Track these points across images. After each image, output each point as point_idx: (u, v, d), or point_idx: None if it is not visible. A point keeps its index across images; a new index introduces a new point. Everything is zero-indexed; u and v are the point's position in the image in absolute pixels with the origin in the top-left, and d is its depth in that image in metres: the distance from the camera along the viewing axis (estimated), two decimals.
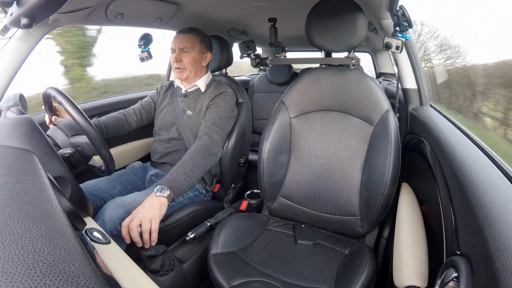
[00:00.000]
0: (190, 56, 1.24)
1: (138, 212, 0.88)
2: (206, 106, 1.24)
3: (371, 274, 0.86)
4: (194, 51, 1.24)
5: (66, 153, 0.84)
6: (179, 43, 1.23)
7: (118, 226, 0.94)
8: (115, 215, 0.95)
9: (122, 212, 0.96)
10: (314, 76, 1.12)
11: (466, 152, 0.72)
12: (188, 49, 1.23)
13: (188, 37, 1.24)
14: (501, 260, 0.41)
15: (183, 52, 1.23)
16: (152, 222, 0.87)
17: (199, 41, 1.26)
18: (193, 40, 1.24)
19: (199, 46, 1.26)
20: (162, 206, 0.91)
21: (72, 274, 0.29)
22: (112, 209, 0.96)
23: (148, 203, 0.91)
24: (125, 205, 0.99)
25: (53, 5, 0.56)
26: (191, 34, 1.25)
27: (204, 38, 1.28)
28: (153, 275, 0.91)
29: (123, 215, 0.96)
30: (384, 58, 2.77)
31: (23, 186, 0.41)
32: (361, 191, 1.05)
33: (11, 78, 1.01)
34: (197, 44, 1.25)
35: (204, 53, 1.28)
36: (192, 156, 1.06)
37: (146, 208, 0.89)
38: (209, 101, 1.24)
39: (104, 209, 0.97)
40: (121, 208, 0.97)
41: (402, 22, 1.00)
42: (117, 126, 1.26)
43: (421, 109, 1.19)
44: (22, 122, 0.67)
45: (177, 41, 1.24)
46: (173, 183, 0.96)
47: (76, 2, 0.95)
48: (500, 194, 0.54)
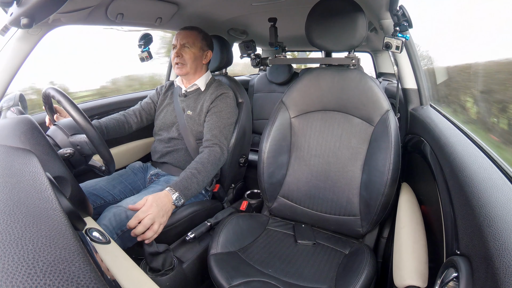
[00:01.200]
0: (191, 52, 1.24)
1: (154, 213, 0.88)
2: (207, 107, 1.24)
3: (371, 274, 0.86)
4: (195, 47, 1.25)
5: (66, 153, 0.84)
6: (181, 38, 1.24)
7: (118, 231, 0.94)
8: (115, 221, 0.94)
9: (124, 217, 0.96)
10: (314, 76, 1.12)
11: (466, 152, 0.72)
12: (189, 45, 1.24)
13: (191, 34, 1.25)
14: (501, 260, 0.41)
15: (184, 47, 1.24)
16: (160, 226, 0.89)
17: (200, 38, 1.27)
18: (195, 37, 1.25)
19: (200, 43, 1.26)
20: (168, 212, 0.93)
21: (72, 274, 0.29)
22: (113, 214, 0.96)
23: (165, 208, 0.91)
24: (126, 210, 0.98)
25: (53, 5, 0.56)
26: (194, 31, 1.26)
27: (205, 36, 1.30)
28: (153, 275, 0.91)
29: (125, 220, 0.95)
30: (384, 58, 2.77)
31: (23, 186, 0.41)
32: (361, 191, 1.05)
33: (11, 78, 1.01)
34: (198, 40, 1.26)
35: (205, 50, 1.29)
36: (205, 167, 1.07)
37: (161, 213, 0.90)
38: (210, 103, 1.24)
39: (104, 214, 0.97)
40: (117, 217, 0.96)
41: (402, 22, 1.00)
42: (117, 127, 1.27)
43: (421, 109, 1.19)
44: (22, 122, 0.67)
45: (179, 37, 1.25)
46: (187, 191, 0.98)
47: (76, 2, 0.95)
48: (500, 194, 0.54)
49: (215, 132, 1.18)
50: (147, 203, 0.88)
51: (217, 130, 1.19)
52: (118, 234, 0.94)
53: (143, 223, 0.85)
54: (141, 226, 0.85)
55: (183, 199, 0.96)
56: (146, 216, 0.86)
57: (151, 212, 0.87)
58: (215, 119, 1.21)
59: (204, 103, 1.25)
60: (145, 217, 0.86)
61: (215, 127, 1.19)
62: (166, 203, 0.92)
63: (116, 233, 0.94)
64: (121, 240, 0.95)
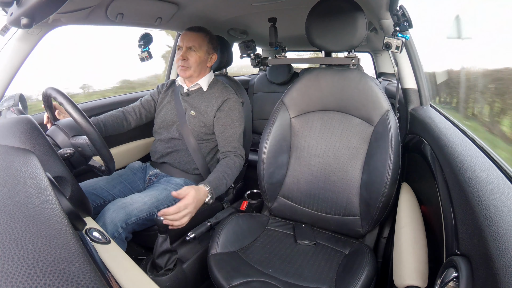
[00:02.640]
0: (197, 55, 1.23)
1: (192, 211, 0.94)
2: (214, 113, 1.24)
3: (371, 274, 0.86)
4: (201, 50, 1.24)
5: (66, 153, 0.84)
6: (187, 41, 1.22)
7: (119, 228, 0.94)
8: (116, 217, 0.95)
9: (123, 214, 0.96)
10: (314, 76, 1.12)
11: (466, 152, 0.72)
12: (196, 48, 1.22)
13: (198, 36, 1.23)
14: (501, 260, 0.41)
15: (190, 50, 1.22)
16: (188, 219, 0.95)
17: (207, 41, 1.25)
18: (202, 40, 1.24)
19: (206, 47, 1.25)
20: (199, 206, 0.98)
21: (72, 274, 0.29)
22: (113, 211, 0.96)
23: (199, 204, 0.97)
24: (126, 206, 0.99)
25: (53, 5, 0.56)
26: (201, 34, 1.24)
27: (212, 39, 1.28)
28: (153, 275, 0.91)
29: (124, 217, 0.96)
30: (384, 58, 2.77)
31: (23, 186, 0.41)
32: (361, 191, 1.05)
33: (11, 78, 1.01)
34: (205, 44, 1.25)
35: (210, 54, 1.28)
36: (232, 172, 1.14)
37: (196, 207, 0.95)
38: (217, 108, 1.24)
39: (104, 211, 0.97)
40: (122, 210, 0.97)
41: (402, 22, 1.00)
42: (116, 124, 1.26)
43: (421, 109, 1.19)
44: (22, 122, 0.67)
45: (185, 39, 1.23)
46: (217, 191, 1.05)
47: (76, 2, 0.95)
48: (500, 194, 0.54)
49: (234, 144, 1.23)
50: (189, 197, 0.93)
51: (235, 140, 1.24)
52: (122, 227, 0.95)
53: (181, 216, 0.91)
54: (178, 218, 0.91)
55: (212, 199, 1.02)
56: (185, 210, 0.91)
57: (190, 210, 0.93)
58: (229, 129, 1.24)
59: (209, 107, 1.25)
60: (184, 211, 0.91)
61: (232, 137, 1.23)
62: (202, 200, 0.98)
63: (121, 225, 0.95)
64: (125, 232, 0.96)
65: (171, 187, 1.17)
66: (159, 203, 1.08)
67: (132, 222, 0.97)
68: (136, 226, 1.00)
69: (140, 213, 1.00)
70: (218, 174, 1.09)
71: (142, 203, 1.03)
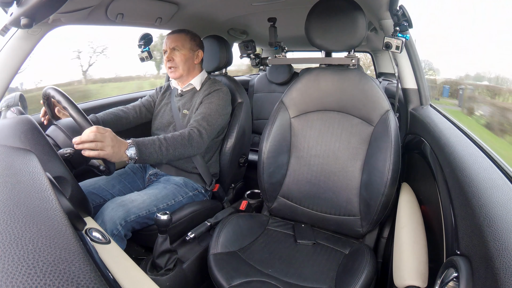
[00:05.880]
0: (182, 54, 1.24)
1: (107, 141, 0.85)
2: (199, 103, 1.24)
3: (371, 274, 0.86)
4: (185, 48, 1.25)
5: (66, 153, 0.84)
6: (170, 43, 1.24)
7: (118, 226, 0.94)
8: (115, 215, 0.95)
9: (122, 212, 0.96)
10: (314, 76, 1.12)
11: (466, 152, 0.72)
12: (179, 47, 1.24)
13: (179, 36, 1.25)
14: (501, 260, 0.41)
15: (174, 51, 1.24)
16: (100, 153, 0.85)
17: (189, 39, 1.26)
18: (183, 39, 1.25)
19: (189, 44, 1.26)
20: (118, 155, 0.89)
21: (72, 274, 0.29)
22: (112, 209, 0.96)
23: (115, 144, 0.88)
24: (125, 204, 0.99)
25: (53, 5, 0.56)
26: (181, 33, 1.26)
27: (194, 36, 1.29)
28: (153, 275, 0.92)
29: (123, 214, 0.96)
30: (384, 58, 2.77)
31: (23, 186, 0.41)
32: (361, 191, 1.05)
33: (11, 78, 1.01)
34: (187, 42, 1.25)
35: (195, 50, 1.28)
36: (173, 138, 1.03)
37: (112, 147, 0.86)
38: (203, 98, 1.24)
39: (104, 208, 0.97)
40: (121, 208, 0.97)
41: (402, 22, 1.00)
42: (115, 122, 1.26)
43: (421, 109, 1.19)
44: (22, 122, 0.67)
45: (168, 41, 1.25)
46: (143, 148, 0.94)
47: (76, 2, 0.95)
48: (500, 194, 0.54)
49: (198, 118, 1.16)
50: (107, 133, 0.86)
51: (200, 116, 1.17)
52: (121, 224, 0.95)
53: (91, 137, 0.82)
54: (88, 139, 0.82)
55: (136, 156, 0.92)
56: (100, 136, 0.84)
57: (103, 142, 0.84)
58: (202, 108, 1.20)
59: (197, 100, 1.25)
60: (98, 137, 0.83)
61: (200, 113, 1.18)
62: (120, 146, 0.89)
63: (120, 223, 0.95)
64: (124, 230, 0.96)
65: (170, 186, 1.18)
66: (159, 202, 1.08)
67: (131, 220, 0.98)
68: (135, 224, 1.00)
69: (139, 211, 1.01)
70: (154, 137, 1.00)
71: (141, 201, 1.03)
